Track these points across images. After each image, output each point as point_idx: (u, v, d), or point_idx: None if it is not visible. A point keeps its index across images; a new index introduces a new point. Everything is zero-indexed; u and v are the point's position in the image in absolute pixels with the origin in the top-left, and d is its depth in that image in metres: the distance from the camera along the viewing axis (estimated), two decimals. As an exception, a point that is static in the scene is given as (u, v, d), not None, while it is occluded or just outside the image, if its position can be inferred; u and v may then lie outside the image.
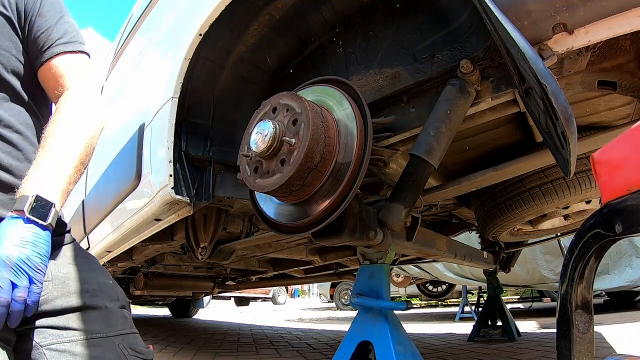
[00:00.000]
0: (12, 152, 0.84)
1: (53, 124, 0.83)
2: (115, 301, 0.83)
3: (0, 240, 0.67)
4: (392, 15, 1.16)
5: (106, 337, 0.76)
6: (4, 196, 0.81)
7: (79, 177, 0.82)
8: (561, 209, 1.89)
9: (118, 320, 0.80)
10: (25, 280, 0.66)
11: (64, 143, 0.80)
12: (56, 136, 0.80)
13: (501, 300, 3.17)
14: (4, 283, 0.64)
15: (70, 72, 0.90)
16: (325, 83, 1.05)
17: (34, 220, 0.70)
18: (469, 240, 3.25)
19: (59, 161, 0.78)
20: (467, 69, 0.98)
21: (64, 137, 0.81)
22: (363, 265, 1.32)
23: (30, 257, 0.67)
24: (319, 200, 0.95)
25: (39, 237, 0.70)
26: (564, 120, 0.69)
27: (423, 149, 1.01)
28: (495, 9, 0.73)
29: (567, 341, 0.52)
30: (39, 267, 0.69)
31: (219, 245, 2.16)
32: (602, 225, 0.47)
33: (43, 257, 0.70)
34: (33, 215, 0.70)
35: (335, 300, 9.66)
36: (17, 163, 0.84)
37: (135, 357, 0.78)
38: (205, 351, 2.97)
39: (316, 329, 4.87)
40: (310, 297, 19.77)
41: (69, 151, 0.80)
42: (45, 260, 0.70)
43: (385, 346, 1.12)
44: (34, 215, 0.70)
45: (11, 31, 0.88)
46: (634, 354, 1.17)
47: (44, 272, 0.69)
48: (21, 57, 0.89)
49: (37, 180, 0.74)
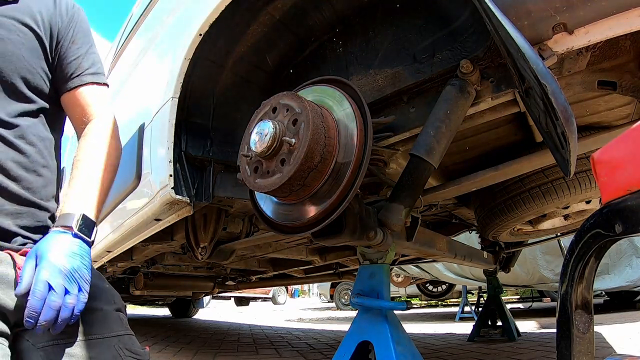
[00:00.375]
0: (23, 162, 0.86)
1: (85, 150, 0.91)
2: (112, 304, 0.83)
3: (53, 251, 0.74)
4: (392, 15, 1.16)
5: (102, 339, 0.77)
6: (10, 206, 0.83)
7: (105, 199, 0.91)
8: (561, 209, 1.89)
9: (114, 322, 0.81)
10: (76, 289, 0.72)
11: (98, 168, 0.89)
12: (90, 161, 0.90)
13: (501, 300, 3.17)
14: (58, 289, 0.70)
15: (97, 102, 0.98)
16: (325, 83, 1.05)
17: (80, 236, 0.78)
18: (469, 240, 3.25)
19: (94, 184, 0.87)
20: (467, 69, 0.98)
21: (98, 163, 0.90)
22: (363, 265, 1.32)
23: (80, 268, 0.75)
24: (319, 200, 0.95)
25: (85, 252, 0.78)
26: (564, 120, 0.69)
27: (423, 149, 1.01)
28: (495, 9, 0.73)
29: (567, 341, 0.52)
30: (87, 277, 0.75)
31: (219, 245, 2.16)
32: (602, 225, 0.47)
33: (89, 270, 0.77)
34: (81, 232, 0.79)
35: (335, 300, 9.66)
36: (25, 174, 0.86)
37: (132, 357, 0.79)
38: (205, 351, 2.97)
39: (316, 329, 4.86)
40: (310, 297, 19.78)
41: (101, 175, 0.89)
42: (89, 271, 0.77)
43: (385, 346, 1.12)
44: (81, 232, 0.79)
45: (40, 50, 0.91)
46: (634, 354, 1.17)
47: (89, 284, 0.76)
48: (45, 76, 0.92)
49: (80, 200, 0.83)
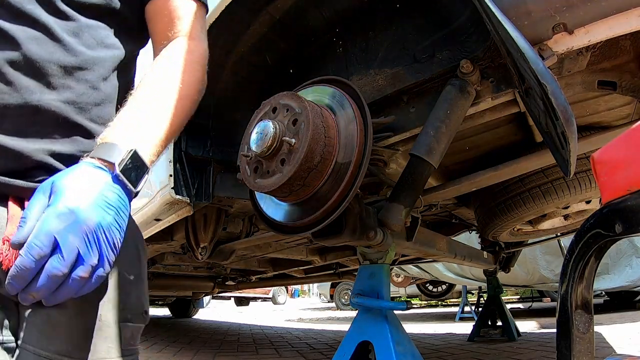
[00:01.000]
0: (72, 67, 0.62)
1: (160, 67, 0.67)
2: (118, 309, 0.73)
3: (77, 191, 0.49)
4: (392, 15, 1.16)
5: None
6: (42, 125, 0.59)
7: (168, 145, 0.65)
8: (561, 209, 1.89)
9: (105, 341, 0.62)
10: (95, 258, 0.49)
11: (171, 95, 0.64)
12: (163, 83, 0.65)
13: (501, 300, 3.17)
14: (68, 252, 0.47)
15: (190, 19, 0.75)
16: (325, 83, 1.05)
17: (123, 182, 0.53)
18: (469, 240, 3.25)
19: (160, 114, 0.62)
20: (467, 69, 0.98)
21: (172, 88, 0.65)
22: (363, 265, 1.32)
23: (111, 228, 0.50)
24: (319, 200, 0.95)
25: (124, 206, 0.53)
26: (564, 120, 0.69)
27: (423, 149, 1.01)
28: (495, 9, 0.73)
29: (567, 341, 0.52)
30: (117, 244, 0.51)
31: (219, 245, 2.16)
32: (602, 225, 0.47)
33: (122, 232, 0.52)
34: (124, 175, 0.53)
35: (335, 300, 9.66)
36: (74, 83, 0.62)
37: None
38: (205, 351, 2.97)
39: (316, 329, 4.86)
40: (310, 297, 19.77)
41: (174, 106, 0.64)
42: (123, 235, 0.53)
43: (385, 346, 1.12)
44: (126, 176, 0.53)
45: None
46: (634, 354, 1.17)
47: (117, 252, 0.52)
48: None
49: (135, 131, 0.57)
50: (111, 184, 0.52)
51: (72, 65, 0.61)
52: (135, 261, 0.66)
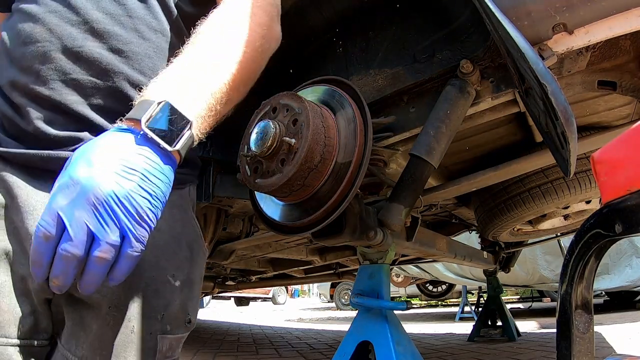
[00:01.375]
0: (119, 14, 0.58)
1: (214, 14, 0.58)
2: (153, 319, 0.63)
3: (90, 158, 0.42)
4: (392, 15, 1.16)
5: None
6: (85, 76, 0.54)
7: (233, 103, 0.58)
8: (561, 209, 1.89)
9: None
10: (115, 234, 0.41)
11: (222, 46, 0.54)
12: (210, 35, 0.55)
13: (501, 300, 3.17)
14: (76, 231, 0.40)
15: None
16: (325, 83, 1.05)
17: (152, 140, 0.45)
18: (469, 240, 3.25)
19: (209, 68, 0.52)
20: (467, 69, 0.98)
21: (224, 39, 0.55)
22: (363, 265, 1.32)
23: (132, 194, 0.42)
24: (319, 200, 0.95)
25: (154, 168, 0.44)
26: (564, 120, 0.69)
27: (423, 149, 1.01)
28: (495, 9, 0.73)
29: (567, 341, 0.52)
30: (145, 214, 0.43)
31: (218, 245, 2.16)
32: (602, 225, 0.47)
33: (154, 201, 0.44)
34: (154, 133, 0.45)
35: (335, 300, 9.65)
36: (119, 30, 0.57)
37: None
38: (205, 351, 2.97)
39: (316, 329, 4.86)
40: (310, 297, 19.77)
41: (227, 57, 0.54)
42: (159, 207, 0.44)
43: (385, 346, 1.12)
44: (156, 133, 0.45)
45: None
46: (634, 354, 1.17)
47: (150, 226, 0.44)
48: None
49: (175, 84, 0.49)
50: (135, 146, 0.44)
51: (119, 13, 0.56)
52: (185, 263, 0.59)
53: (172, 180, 0.47)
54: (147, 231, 0.44)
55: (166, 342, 0.56)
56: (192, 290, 0.60)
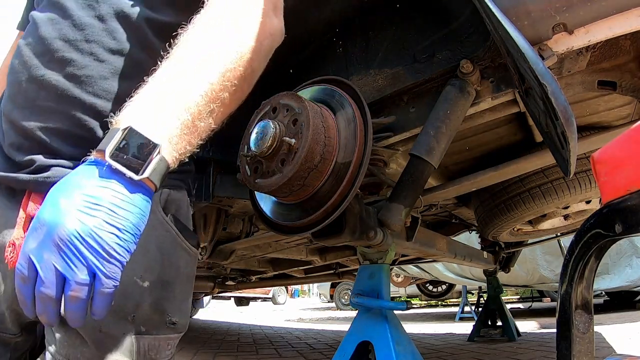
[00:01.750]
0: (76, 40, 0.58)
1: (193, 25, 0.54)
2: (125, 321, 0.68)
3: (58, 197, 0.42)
4: (392, 15, 1.16)
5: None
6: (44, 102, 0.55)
7: (220, 116, 0.53)
8: (561, 209, 1.89)
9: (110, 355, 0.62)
10: (83, 273, 0.41)
11: (198, 54, 0.50)
12: (185, 44, 0.51)
13: (501, 300, 3.17)
14: (45, 274, 0.41)
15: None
16: (325, 83, 1.05)
17: (117, 171, 0.44)
18: (469, 240, 3.26)
19: (182, 80, 0.48)
20: (467, 69, 0.98)
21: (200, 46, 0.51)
22: (363, 265, 1.32)
23: (96, 231, 0.41)
24: (319, 200, 0.95)
25: (121, 200, 0.43)
26: (564, 120, 0.69)
27: (423, 149, 1.01)
28: (495, 9, 0.73)
29: (567, 341, 0.52)
30: (112, 251, 0.42)
31: (218, 245, 2.16)
32: (602, 225, 0.47)
33: (125, 235, 0.43)
34: (119, 162, 0.43)
35: (335, 300, 9.65)
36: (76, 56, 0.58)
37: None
38: (205, 351, 2.97)
39: (316, 329, 4.87)
40: (310, 297, 19.77)
41: (204, 66, 0.50)
42: (129, 240, 0.44)
43: (385, 346, 1.12)
44: (121, 162, 0.43)
45: None
46: (634, 354, 1.17)
47: (121, 262, 0.43)
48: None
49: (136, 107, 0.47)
50: (99, 179, 0.43)
51: (76, 39, 0.57)
52: (154, 264, 0.59)
53: (148, 208, 0.46)
54: (118, 267, 0.43)
55: (144, 343, 0.57)
56: (166, 290, 0.60)
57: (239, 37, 0.54)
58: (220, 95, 0.50)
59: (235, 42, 0.53)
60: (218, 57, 0.51)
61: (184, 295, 0.64)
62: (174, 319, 0.60)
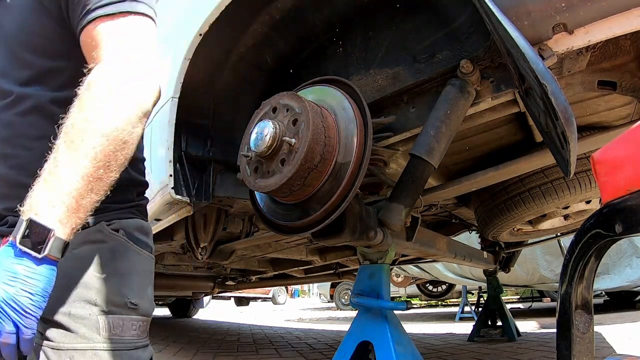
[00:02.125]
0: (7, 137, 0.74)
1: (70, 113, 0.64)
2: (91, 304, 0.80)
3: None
4: (392, 15, 1.16)
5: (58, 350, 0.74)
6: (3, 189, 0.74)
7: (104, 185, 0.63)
8: (561, 209, 1.89)
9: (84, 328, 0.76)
10: (9, 326, 0.58)
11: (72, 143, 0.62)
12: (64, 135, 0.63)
13: (501, 300, 3.17)
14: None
15: (104, 43, 0.67)
16: (325, 83, 1.05)
17: (26, 252, 0.59)
18: (469, 240, 3.26)
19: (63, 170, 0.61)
20: (467, 69, 0.98)
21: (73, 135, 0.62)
22: (363, 265, 1.32)
23: (16, 297, 0.58)
24: (319, 200, 0.95)
25: (32, 272, 0.59)
26: (564, 120, 0.69)
27: (423, 149, 1.01)
28: (495, 9, 0.73)
29: (567, 341, 0.52)
30: (28, 310, 0.58)
31: (219, 245, 2.16)
32: (602, 225, 0.47)
33: (36, 297, 0.59)
34: (25, 246, 0.59)
35: (335, 300, 9.65)
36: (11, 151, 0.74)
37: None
38: (205, 351, 2.97)
39: (316, 329, 4.87)
40: (310, 297, 19.76)
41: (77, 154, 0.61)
42: (40, 300, 0.60)
43: (385, 346, 1.12)
44: (27, 246, 0.59)
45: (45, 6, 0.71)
46: (634, 354, 1.17)
47: (35, 316, 0.60)
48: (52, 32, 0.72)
49: (35, 199, 0.61)
50: (14, 258, 0.59)
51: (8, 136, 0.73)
52: (108, 262, 0.75)
53: (53, 274, 0.62)
54: (33, 319, 0.59)
55: (109, 321, 0.72)
56: (123, 279, 0.75)
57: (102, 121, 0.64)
58: (95, 174, 0.62)
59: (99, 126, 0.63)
60: (86, 143, 0.62)
61: (142, 285, 0.79)
62: (134, 300, 0.75)
